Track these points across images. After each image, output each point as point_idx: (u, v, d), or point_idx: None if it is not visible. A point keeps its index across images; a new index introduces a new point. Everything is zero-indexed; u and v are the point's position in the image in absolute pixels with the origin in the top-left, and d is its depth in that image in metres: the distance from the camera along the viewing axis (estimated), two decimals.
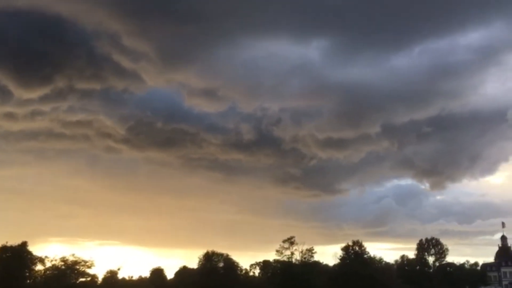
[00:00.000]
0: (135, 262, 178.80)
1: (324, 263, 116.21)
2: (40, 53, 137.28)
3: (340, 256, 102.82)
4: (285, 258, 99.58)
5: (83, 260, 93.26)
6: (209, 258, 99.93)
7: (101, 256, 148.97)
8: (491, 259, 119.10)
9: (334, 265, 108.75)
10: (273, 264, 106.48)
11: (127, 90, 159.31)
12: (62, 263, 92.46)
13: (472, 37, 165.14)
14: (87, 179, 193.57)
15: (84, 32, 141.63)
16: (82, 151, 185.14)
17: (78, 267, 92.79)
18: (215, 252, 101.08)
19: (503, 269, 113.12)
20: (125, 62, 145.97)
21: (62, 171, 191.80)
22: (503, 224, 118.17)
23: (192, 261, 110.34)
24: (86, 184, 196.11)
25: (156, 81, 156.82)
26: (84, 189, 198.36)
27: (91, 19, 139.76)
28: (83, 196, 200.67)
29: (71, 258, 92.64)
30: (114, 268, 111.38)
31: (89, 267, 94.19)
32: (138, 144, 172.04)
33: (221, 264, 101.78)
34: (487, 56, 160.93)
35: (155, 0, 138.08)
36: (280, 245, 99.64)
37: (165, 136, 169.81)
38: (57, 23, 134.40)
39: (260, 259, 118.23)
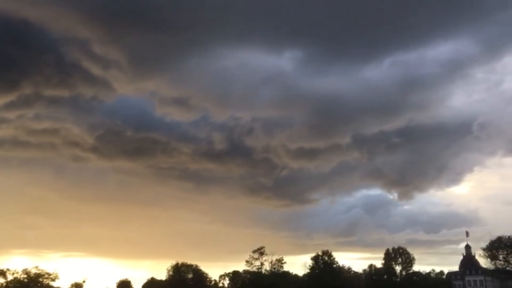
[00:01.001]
0: (102, 274, 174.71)
1: (294, 273, 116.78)
2: (6, 59, 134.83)
3: (310, 266, 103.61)
4: (254, 269, 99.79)
5: (46, 273, 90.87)
6: (178, 270, 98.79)
7: (65, 268, 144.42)
8: (456, 268, 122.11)
9: (304, 275, 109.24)
10: (243, 275, 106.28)
11: (96, 98, 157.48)
12: (25, 275, 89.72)
13: (440, 51, 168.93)
14: (52, 189, 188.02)
15: (53, 38, 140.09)
16: (48, 160, 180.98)
17: (41, 279, 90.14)
18: (184, 263, 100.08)
19: (467, 278, 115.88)
20: (95, 69, 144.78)
21: (27, 181, 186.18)
22: (467, 233, 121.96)
23: (161, 273, 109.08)
24: (52, 194, 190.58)
25: (126, 89, 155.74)
26: (49, 199, 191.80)
27: (60, 26, 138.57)
28: (48, 206, 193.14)
29: (34, 271, 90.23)
30: (79, 281, 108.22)
31: (53, 279, 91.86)
32: (107, 153, 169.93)
33: (190, 276, 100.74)
34: (454, 69, 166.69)
35: (127, 8, 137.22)
36: (250, 255, 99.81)
37: (135, 145, 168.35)
38: (24, 29, 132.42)
39: (230, 269, 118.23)
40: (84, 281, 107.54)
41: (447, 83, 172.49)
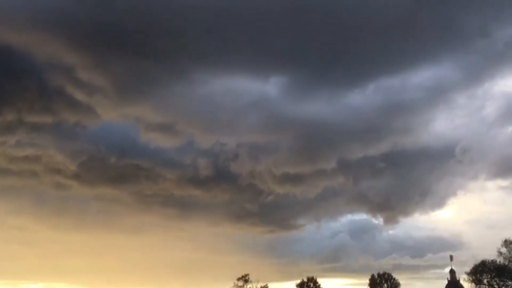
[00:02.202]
0: None
1: None
2: None
3: None
4: None
5: None
6: None
7: None
8: None
9: None
10: None
11: (79, 124, 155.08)
12: None
13: (423, 76, 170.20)
14: (33, 217, 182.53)
15: (37, 64, 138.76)
16: (29, 188, 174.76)
17: None
18: None
19: None
20: (79, 95, 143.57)
21: (6, 209, 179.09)
22: (451, 258, 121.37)
23: None
24: (32, 222, 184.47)
25: (110, 115, 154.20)
26: (29, 228, 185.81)
27: (45, 51, 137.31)
28: (28, 235, 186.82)
29: None
30: None
31: None
32: (89, 180, 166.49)
33: None
34: (437, 94, 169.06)
35: (112, 34, 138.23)
36: (234, 283, 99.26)
37: (118, 172, 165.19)
38: (7, 54, 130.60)
39: None
40: None
41: (430, 108, 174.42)
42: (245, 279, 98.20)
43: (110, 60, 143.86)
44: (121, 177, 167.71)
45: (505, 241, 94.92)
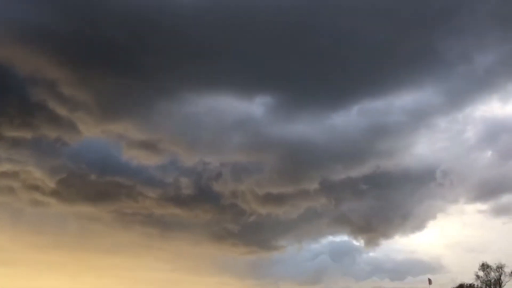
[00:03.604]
0: None
1: None
2: None
3: None
4: None
5: None
6: None
7: None
8: None
9: None
10: None
11: (60, 140, 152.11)
12: None
13: (406, 100, 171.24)
14: (8, 235, 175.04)
15: (18, 77, 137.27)
16: (5, 205, 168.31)
17: None
18: None
19: None
20: (61, 111, 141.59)
21: None
22: (429, 281, 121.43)
23: None
24: (7, 241, 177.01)
25: (92, 132, 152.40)
26: (4, 247, 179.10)
27: (26, 65, 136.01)
28: (2, 254, 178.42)
29: None
30: None
31: None
32: (68, 197, 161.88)
33: None
34: (418, 118, 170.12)
35: (96, 51, 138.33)
36: None
37: (98, 189, 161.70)
38: None
39: None
40: None
41: (412, 131, 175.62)
42: None
43: (93, 76, 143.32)
44: (101, 195, 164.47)
45: (483, 264, 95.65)
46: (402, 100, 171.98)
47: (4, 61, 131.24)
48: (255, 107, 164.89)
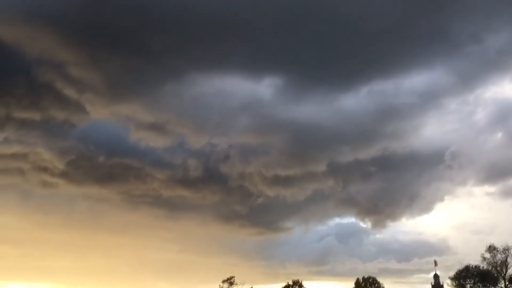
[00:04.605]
0: None
1: None
2: None
3: None
4: None
5: None
6: None
7: None
8: None
9: None
10: None
11: (68, 122, 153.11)
12: None
13: (416, 81, 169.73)
14: (18, 216, 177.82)
15: (26, 59, 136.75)
16: (14, 186, 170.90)
17: None
18: None
19: None
20: (69, 92, 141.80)
21: None
22: (435, 263, 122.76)
23: None
24: (17, 221, 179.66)
25: (100, 114, 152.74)
26: (13, 227, 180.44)
27: (35, 46, 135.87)
28: (12, 234, 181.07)
29: None
30: None
31: None
32: (77, 179, 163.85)
33: None
34: (428, 99, 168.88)
35: (104, 32, 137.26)
36: (219, 285, 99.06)
37: (107, 171, 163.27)
38: None
39: None
40: None
41: (421, 113, 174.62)
42: (230, 281, 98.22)
43: (102, 57, 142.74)
44: (109, 176, 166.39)
45: (489, 246, 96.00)
46: (412, 81, 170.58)
47: (12, 42, 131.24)
48: (263, 88, 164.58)
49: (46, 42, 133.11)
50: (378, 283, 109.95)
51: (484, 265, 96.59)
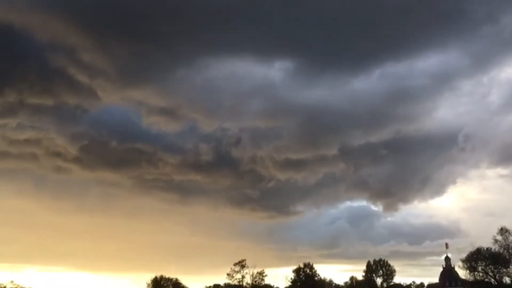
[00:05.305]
0: None
1: (276, 286, 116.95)
2: None
3: (291, 278, 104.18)
4: (236, 282, 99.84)
5: (22, 287, 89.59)
6: (158, 283, 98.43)
7: (42, 283, 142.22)
8: (436, 279, 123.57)
9: None
10: None
11: (80, 107, 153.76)
12: None
13: (429, 62, 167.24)
14: (32, 200, 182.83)
15: (38, 44, 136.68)
16: (28, 171, 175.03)
17: None
18: (164, 276, 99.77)
19: None
20: (81, 77, 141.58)
21: (5, 192, 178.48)
22: (446, 245, 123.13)
23: (141, 286, 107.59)
24: (31, 205, 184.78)
25: (112, 99, 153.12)
26: (28, 211, 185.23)
27: (47, 32, 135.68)
28: (26, 218, 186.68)
29: (9, 286, 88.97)
30: None
31: None
32: (90, 164, 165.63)
33: None
34: (442, 81, 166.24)
35: (116, 17, 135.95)
36: (231, 268, 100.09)
37: (119, 156, 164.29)
38: (8, 34, 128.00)
39: (212, 283, 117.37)
40: None
41: (434, 95, 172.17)
42: (242, 264, 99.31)
43: (113, 43, 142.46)
44: (122, 161, 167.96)
45: (501, 229, 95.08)
46: (425, 63, 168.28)
47: (23, 28, 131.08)
48: (274, 72, 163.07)
49: (58, 28, 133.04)
50: (389, 265, 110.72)
51: (495, 248, 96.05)
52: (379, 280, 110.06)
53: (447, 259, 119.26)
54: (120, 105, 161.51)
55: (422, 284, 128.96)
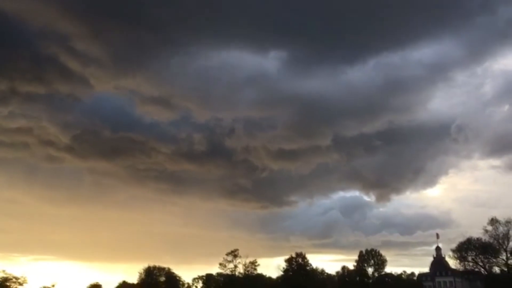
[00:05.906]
0: (72, 278, 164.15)
1: (268, 275, 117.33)
2: None
3: (283, 268, 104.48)
4: (228, 271, 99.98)
5: (14, 277, 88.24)
6: (150, 273, 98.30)
7: (35, 272, 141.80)
8: (427, 269, 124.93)
9: (277, 277, 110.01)
10: (216, 278, 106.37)
11: (72, 95, 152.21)
12: None
13: (424, 53, 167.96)
14: (24, 190, 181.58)
15: (30, 32, 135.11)
16: (20, 160, 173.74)
17: (9, 284, 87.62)
18: (156, 266, 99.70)
19: (437, 279, 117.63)
20: (73, 65, 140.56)
21: None
22: (437, 235, 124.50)
23: (133, 276, 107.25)
24: (23, 195, 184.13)
25: (105, 87, 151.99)
26: (20, 201, 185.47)
27: (39, 19, 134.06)
28: (18, 208, 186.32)
29: (1, 275, 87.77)
30: (48, 285, 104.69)
31: (21, 284, 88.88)
32: (82, 153, 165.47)
33: (162, 279, 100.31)
34: (436, 72, 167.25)
35: (109, 5, 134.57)
36: (223, 258, 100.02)
37: (112, 145, 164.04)
38: (1, 21, 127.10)
39: (204, 272, 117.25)
40: (53, 285, 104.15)
41: (428, 85, 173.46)
42: (234, 254, 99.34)
43: (106, 31, 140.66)
44: (115, 151, 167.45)
45: (492, 219, 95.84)
46: (420, 53, 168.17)
47: (15, 15, 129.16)
48: (269, 62, 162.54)
49: (49, 15, 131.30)
50: (380, 255, 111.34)
51: (486, 238, 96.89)
52: (370, 270, 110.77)
53: (438, 249, 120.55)
54: (113, 93, 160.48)
55: (413, 274, 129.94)
